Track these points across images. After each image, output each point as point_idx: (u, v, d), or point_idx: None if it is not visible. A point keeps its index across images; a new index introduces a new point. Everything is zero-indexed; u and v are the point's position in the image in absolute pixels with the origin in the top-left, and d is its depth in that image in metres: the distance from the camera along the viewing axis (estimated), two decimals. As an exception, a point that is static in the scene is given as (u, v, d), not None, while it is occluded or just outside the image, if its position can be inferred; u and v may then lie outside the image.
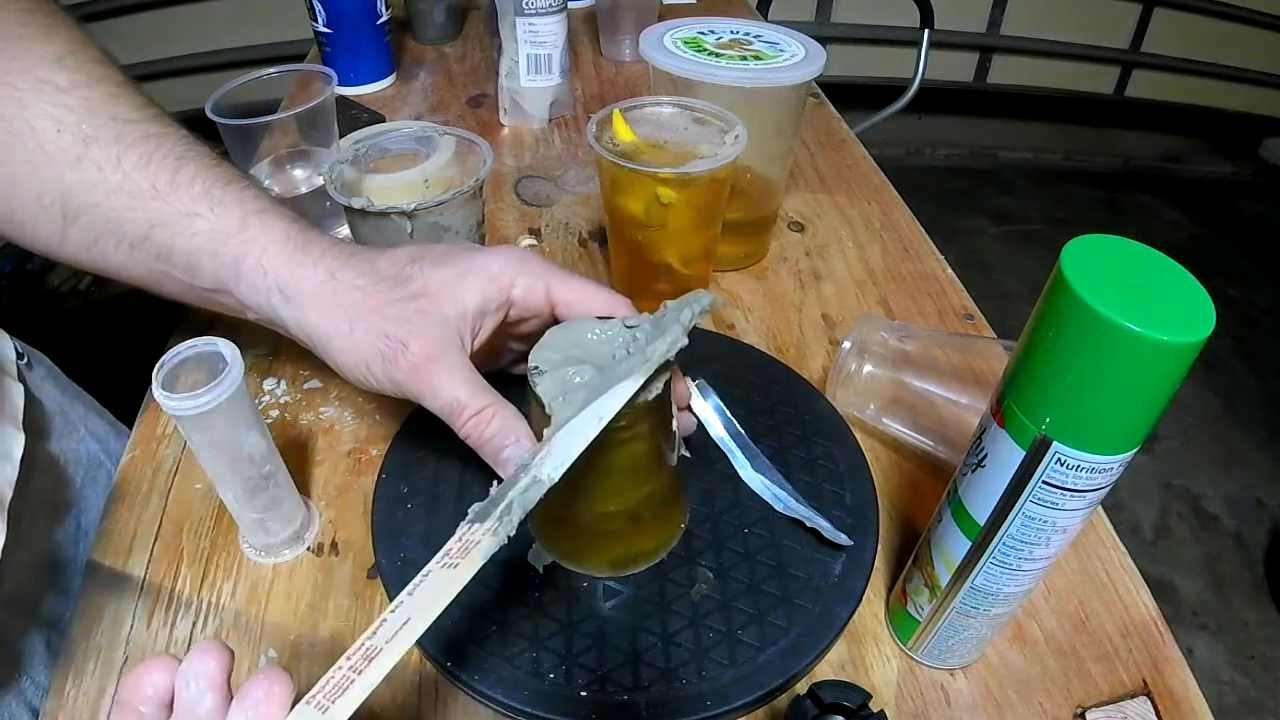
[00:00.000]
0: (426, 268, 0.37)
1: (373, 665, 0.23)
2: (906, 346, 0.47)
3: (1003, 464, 0.28)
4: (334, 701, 0.22)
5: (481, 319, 0.37)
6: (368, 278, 0.37)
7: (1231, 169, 2.60)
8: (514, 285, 0.37)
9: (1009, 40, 2.36)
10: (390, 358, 0.35)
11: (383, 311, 0.35)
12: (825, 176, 0.74)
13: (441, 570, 0.27)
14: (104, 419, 0.57)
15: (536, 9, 0.73)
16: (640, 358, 0.33)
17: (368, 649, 0.23)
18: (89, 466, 0.52)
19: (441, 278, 0.36)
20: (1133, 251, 0.25)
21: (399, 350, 0.35)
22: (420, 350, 0.35)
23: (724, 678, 0.35)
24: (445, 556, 0.27)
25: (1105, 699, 0.37)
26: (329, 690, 0.22)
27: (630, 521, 0.38)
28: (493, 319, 0.37)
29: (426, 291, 0.36)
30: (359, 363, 0.36)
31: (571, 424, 0.31)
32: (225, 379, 0.33)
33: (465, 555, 0.27)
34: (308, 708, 0.22)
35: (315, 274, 0.37)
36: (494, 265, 0.37)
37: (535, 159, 0.76)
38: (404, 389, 0.35)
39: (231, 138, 0.56)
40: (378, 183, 0.50)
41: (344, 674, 0.23)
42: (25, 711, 0.41)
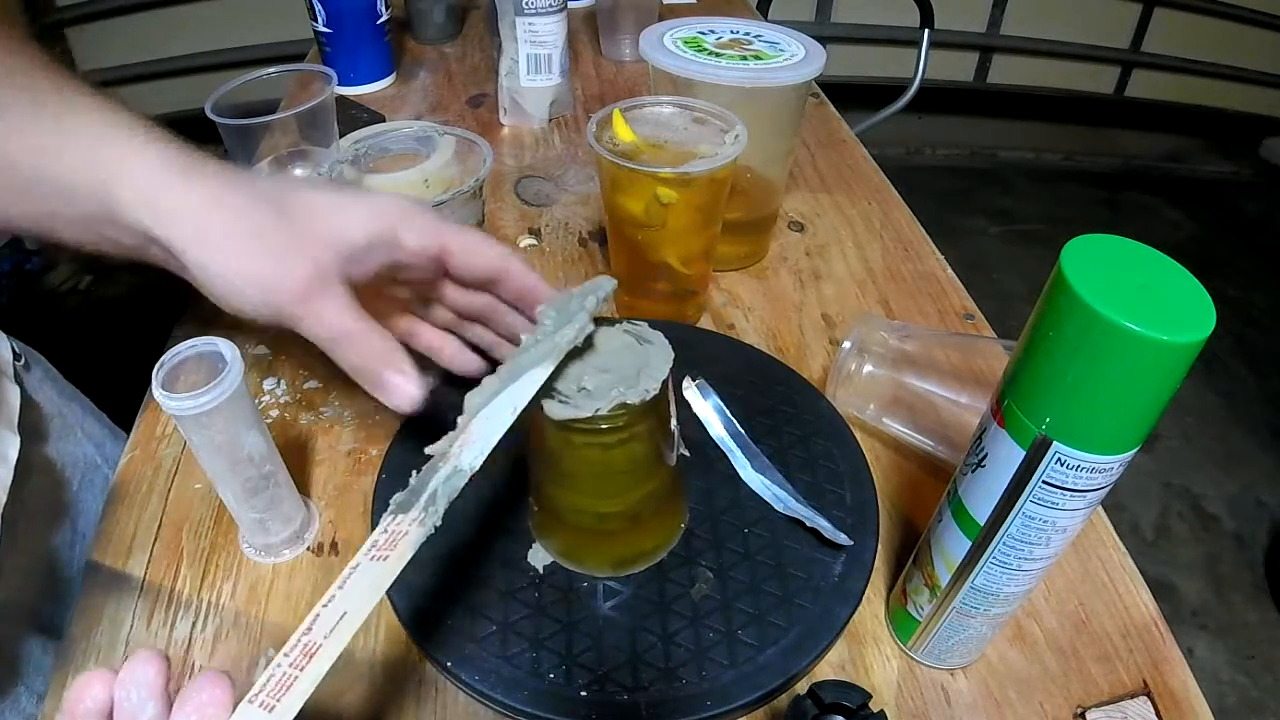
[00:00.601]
0: (311, 194, 0.36)
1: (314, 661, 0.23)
2: (906, 346, 0.47)
3: (1003, 464, 0.28)
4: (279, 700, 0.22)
5: (368, 253, 0.36)
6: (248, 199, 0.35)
7: (1232, 169, 2.60)
8: (406, 227, 0.36)
9: (1009, 40, 2.36)
10: (271, 284, 0.34)
11: (266, 238, 0.34)
12: (825, 176, 0.74)
13: (371, 563, 0.26)
14: (101, 422, 0.57)
15: (536, 9, 0.73)
16: (549, 344, 0.33)
17: (306, 644, 0.23)
18: (85, 469, 0.52)
19: (326, 204, 0.35)
20: (1133, 251, 0.25)
21: (280, 276, 0.34)
22: (302, 275, 0.33)
23: (724, 678, 0.35)
24: (373, 549, 0.27)
25: (1105, 699, 0.37)
26: (271, 688, 0.22)
27: (630, 521, 0.38)
28: (380, 255, 0.36)
29: (309, 218, 0.35)
30: (239, 289, 0.34)
31: (485, 412, 0.31)
32: (225, 379, 0.33)
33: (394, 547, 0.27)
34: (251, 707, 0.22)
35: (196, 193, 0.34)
36: (385, 202, 0.36)
37: (535, 159, 0.76)
38: (282, 315, 0.34)
39: (231, 138, 0.56)
40: (378, 182, 0.50)
41: (285, 671, 0.23)
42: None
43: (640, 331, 0.36)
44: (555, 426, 0.33)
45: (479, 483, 0.43)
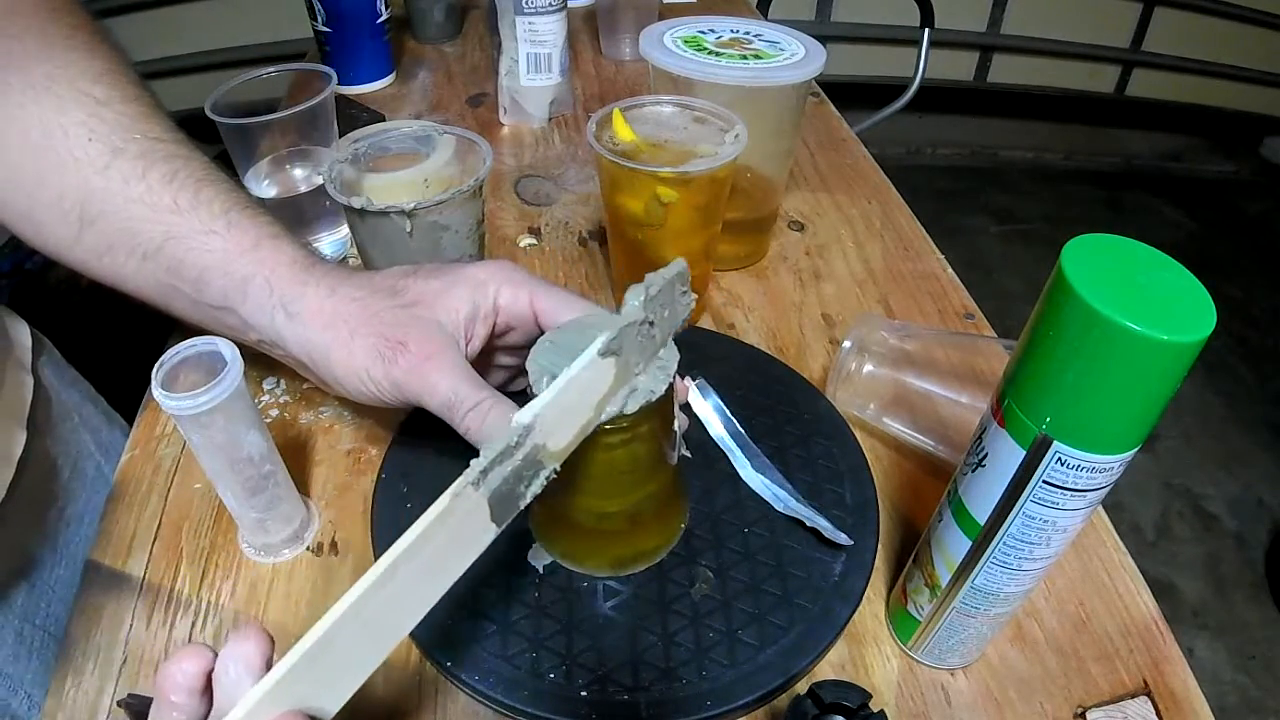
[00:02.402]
0: (420, 280, 0.39)
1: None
2: (907, 346, 0.47)
3: (1003, 463, 0.28)
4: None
5: (473, 325, 0.38)
6: (365, 290, 0.38)
7: (1232, 168, 2.59)
8: (500, 293, 0.39)
9: (1009, 39, 2.36)
10: (389, 358, 0.36)
11: (380, 317, 0.37)
12: (825, 176, 0.74)
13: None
14: (98, 407, 0.57)
15: (536, 8, 0.73)
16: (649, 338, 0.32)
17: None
18: (78, 457, 0.52)
19: (433, 287, 0.38)
20: (1133, 251, 0.25)
21: (398, 350, 0.36)
22: (418, 349, 0.36)
23: (724, 677, 0.35)
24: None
25: (1106, 699, 0.37)
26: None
27: (631, 521, 0.38)
28: (483, 326, 0.39)
29: (421, 300, 0.38)
30: (359, 369, 0.36)
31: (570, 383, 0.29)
32: (225, 378, 0.33)
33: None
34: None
35: (317, 291, 0.38)
36: (481, 274, 0.39)
37: (535, 158, 0.76)
38: (403, 388, 0.36)
39: (231, 137, 0.56)
40: (377, 182, 0.50)
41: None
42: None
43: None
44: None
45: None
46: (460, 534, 0.26)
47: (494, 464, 0.26)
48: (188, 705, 0.23)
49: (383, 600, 0.24)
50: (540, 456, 0.28)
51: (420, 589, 0.25)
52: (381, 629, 0.24)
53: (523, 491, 0.28)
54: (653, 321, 0.32)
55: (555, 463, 0.29)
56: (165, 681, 0.23)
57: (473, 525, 0.26)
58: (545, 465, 0.28)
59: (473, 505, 0.26)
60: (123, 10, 1.91)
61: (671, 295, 0.33)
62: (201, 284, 0.39)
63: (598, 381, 0.30)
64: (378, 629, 0.24)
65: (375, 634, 0.24)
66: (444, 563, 0.26)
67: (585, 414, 0.30)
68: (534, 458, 0.28)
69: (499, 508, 0.27)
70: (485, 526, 0.26)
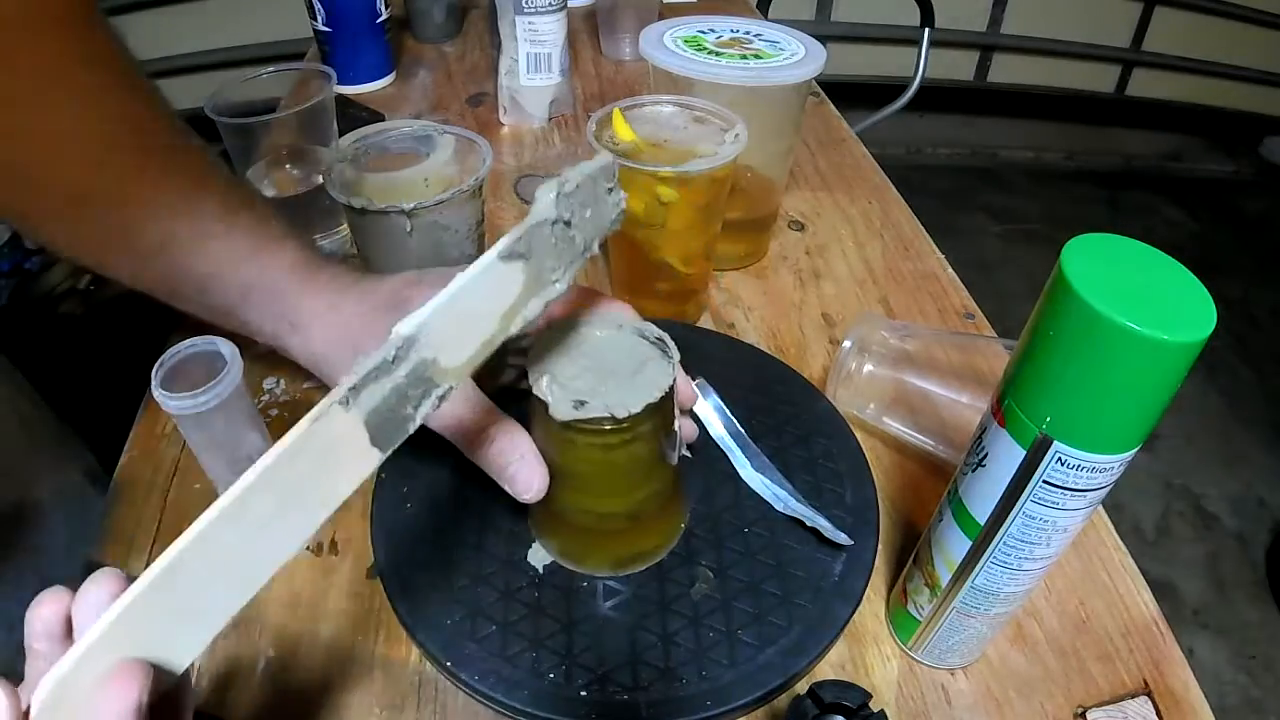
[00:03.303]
0: (425, 289, 0.37)
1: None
2: (907, 345, 0.47)
3: (1003, 463, 0.28)
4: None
5: None
6: (367, 305, 0.37)
7: (1232, 168, 2.59)
8: None
9: (1009, 39, 2.36)
10: None
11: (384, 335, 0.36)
12: (825, 175, 0.74)
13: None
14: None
15: (536, 7, 0.73)
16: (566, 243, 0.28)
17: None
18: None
19: None
20: (1133, 250, 0.25)
21: None
22: None
23: (724, 677, 0.35)
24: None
25: (1106, 699, 0.37)
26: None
27: (631, 521, 0.38)
28: None
29: None
30: None
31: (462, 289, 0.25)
32: (225, 378, 0.33)
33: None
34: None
35: (319, 303, 0.37)
36: None
37: (535, 158, 0.76)
38: None
39: (231, 137, 0.56)
40: (377, 181, 0.50)
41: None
42: None
43: (646, 331, 0.36)
44: (558, 426, 0.33)
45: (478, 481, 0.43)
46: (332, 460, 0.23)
47: (366, 381, 0.23)
48: (50, 652, 0.22)
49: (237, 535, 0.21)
50: (430, 373, 0.25)
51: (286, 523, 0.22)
52: (241, 568, 0.22)
53: (411, 413, 0.24)
54: (569, 221, 0.28)
55: (452, 381, 0.26)
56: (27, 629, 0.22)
57: (348, 450, 0.23)
58: (439, 384, 0.25)
59: (345, 428, 0.23)
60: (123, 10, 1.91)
61: (594, 193, 0.29)
62: (203, 289, 0.38)
63: (501, 289, 0.27)
64: (236, 568, 0.22)
65: (233, 574, 0.22)
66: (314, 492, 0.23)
67: (488, 326, 0.26)
68: (422, 374, 0.24)
69: (381, 431, 0.23)
70: (364, 451, 0.23)
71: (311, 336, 0.37)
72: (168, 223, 0.38)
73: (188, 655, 0.22)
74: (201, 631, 0.22)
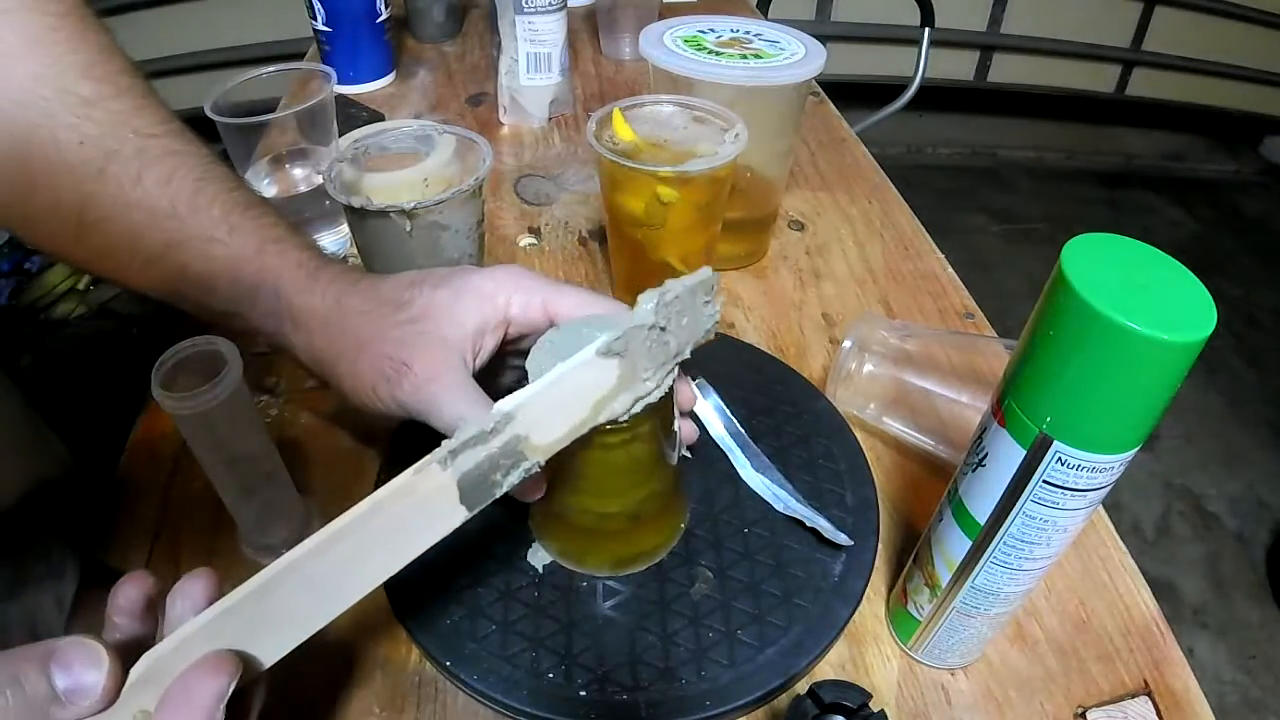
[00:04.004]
0: (426, 290, 0.37)
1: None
2: (907, 345, 0.47)
3: (1003, 463, 0.28)
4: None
5: (481, 338, 0.37)
6: (371, 303, 0.37)
7: (1233, 167, 2.59)
8: (510, 303, 0.37)
9: (1010, 39, 2.36)
10: (394, 379, 0.35)
11: (386, 335, 0.36)
12: (825, 175, 0.74)
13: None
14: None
15: (536, 7, 0.73)
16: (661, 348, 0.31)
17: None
18: None
19: (440, 299, 0.37)
20: (1134, 250, 0.25)
21: (402, 371, 0.35)
22: (423, 370, 0.35)
23: (724, 677, 0.35)
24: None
25: (1106, 699, 0.37)
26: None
27: (631, 521, 0.38)
28: (492, 337, 0.38)
29: (427, 314, 0.37)
30: (365, 387, 0.36)
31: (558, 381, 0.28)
32: (224, 378, 0.33)
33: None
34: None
35: (323, 302, 0.37)
36: (489, 284, 0.37)
37: (535, 158, 0.76)
38: (409, 409, 0.36)
39: (231, 136, 0.56)
40: (377, 181, 0.50)
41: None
42: None
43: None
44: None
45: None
46: (423, 510, 0.26)
47: (465, 447, 0.26)
48: (127, 626, 0.25)
49: (329, 562, 0.24)
50: (521, 448, 0.27)
51: (374, 558, 0.25)
52: (327, 591, 0.25)
53: (499, 480, 0.27)
54: (664, 327, 0.31)
55: (540, 457, 0.28)
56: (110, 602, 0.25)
57: (439, 504, 0.26)
58: (527, 458, 0.28)
59: (439, 484, 0.26)
60: (123, 10, 1.90)
61: (692, 303, 0.31)
62: (206, 290, 0.38)
63: (596, 381, 0.29)
64: (323, 590, 0.25)
65: (320, 594, 0.25)
66: (404, 536, 0.26)
67: (579, 413, 0.29)
68: (514, 448, 0.27)
69: (470, 492, 0.26)
70: (453, 508, 0.26)
71: (314, 335, 0.37)
72: (170, 228, 0.38)
73: (270, 657, 0.25)
74: (285, 640, 0.25)
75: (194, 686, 0.23)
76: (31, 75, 0.36)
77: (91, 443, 0.57)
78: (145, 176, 0.38)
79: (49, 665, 0.22)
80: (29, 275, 1.54)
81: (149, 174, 0.38)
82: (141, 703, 0.23)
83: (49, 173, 0.37)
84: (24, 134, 0.36)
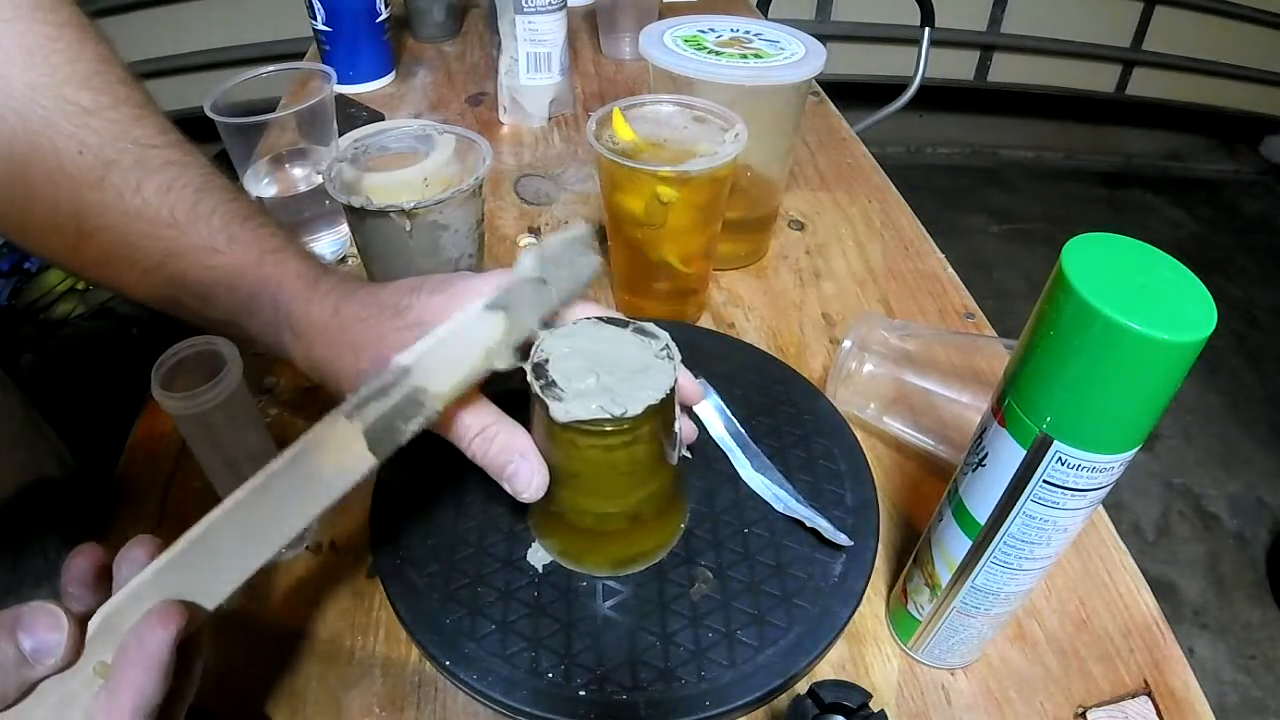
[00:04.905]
0: (424, 296, 0.37)
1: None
2: (907, 345, 0.47)
3: (1004, 463, 0.28)
4: None
5: None
6: (370, 310, 0.37)
7: (1233, 167, 2.59)
8: None
9: (1010, 38, 2.36)
10: None
11: (385, 340, 0.36)
12: (825, 175, 0.74)
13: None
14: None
15: (536, 7, 0.73)
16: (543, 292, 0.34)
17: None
18: None
19: (438, 304, 0.37)
20: (1134, 250, 0.25)
21: None
22: None
23: (723, 678, 0.35)
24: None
25: (1106, 699, 0.37)
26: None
27: (631, 521, 0.38)
28: None
29: (425, 319, 0.37)
30: None
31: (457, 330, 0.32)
32: (224, 378, 0.33)
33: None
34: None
35: (321, 310, 0.37)
36: (487, 288, 0.37)
37: (535, 157, 0.76)
38: None
39: (231, 136, 0.56)
40: (377, 181, 0.50)
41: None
42: None
43: (647, 331, 0.36)
44: (558, 427, 0.33)
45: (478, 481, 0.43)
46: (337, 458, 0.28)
47: (367, 400, 0.29)
48: (81, 596, 0.26)
49: (260, 510, 0.27)
50: (421, 398, 0.30)
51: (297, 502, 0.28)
52: (260, 535, 0.27)
53: (403, 428, 0.30)
54: (544, 280, 0.34)
55: (440, 404, 0.31)
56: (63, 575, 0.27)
57: (350, 453, 0.29)
58: (426, 406, 0.30)
59: (349, 435, 0.29)
60: (123, 10, 1.91)
61: (570, 256, 0.34)
62: (205, 300, 0.38)
63: (485, 333, 0.32)
64: (256, 535, 0.27)
65: (253, 539, 0.27)
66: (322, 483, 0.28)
67: (471, 361, 0.32)
68: (414, 398, 0.30)
69: (377, 440, 0.29)
70: (363, 456, 0.29)
71: (313, 343, 0.37)
72: (169, 238, 0.38)
73: (213, 601, 0.27)
74: (224, 585, 0.27)
75: (146, 636, 0.25)
76: (30, 85, 0.36)
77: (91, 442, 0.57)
78: (144, 186, 0.38)
79: (15, 632, 0.24)
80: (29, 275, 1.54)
81: (148, 183, 0.38)
82: (99, 655, 0.25)
83: (48, 182, 0.37)
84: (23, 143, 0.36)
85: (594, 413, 0.32)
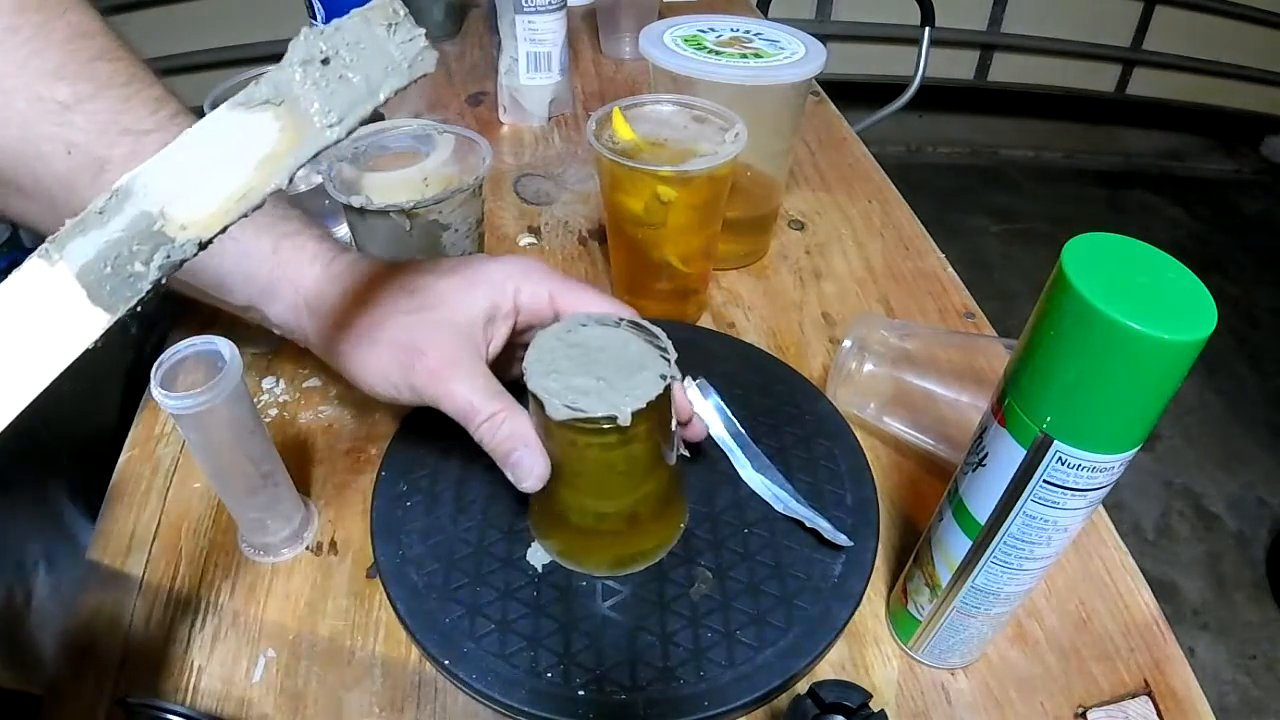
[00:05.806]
0: (437, 278, 0.38)
1: None
2: (907, 345, 0.47)
3: (1004, 463, 0.28)
4: None
5: (492, 326, 0.38)
6: (383, 291, 0.37)
7: (1233, 167, 2.59)
8: (519, 291, 0.38)
9: (1010, 38, 2.36)
10: (408, 365, 0.36)
11: (398, 322, 0.37)
12: (825, 175, 0.74)
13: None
14: None
15: (536, 6, 0.73)
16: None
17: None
18: None
19: (452, 286, 0.37)
20: (1134, 250, 0.25)
21: (416, 357, 0.36)
22: (436, 356, 0.36)
23: (723, 678, 0.35)
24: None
25: (1106, 699, 0.37)
26: None
27: (629, 521, 0.38)
28: (504, 325, 0.38)
29: (439, 301, 0.37)
30: (380, 373, 0.37)
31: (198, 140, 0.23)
32: (224, 378, 0.33)
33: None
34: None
35: (337, 290, 0.38)
36: (499, 273, 0.38)
37: (535, 157, 0.76)
38: (422, 394, 0.36)
39: (230, 136, 0.56)
40: (377, 180, 0.50)
41: None
42: None
43: (645, 330, 0.36)
44: (556, 426, 0.33)
45: (478, 480, 0.43)
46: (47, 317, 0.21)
47: (72, 233, 0.21)
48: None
49: None
50: (160, 227, 0.22)
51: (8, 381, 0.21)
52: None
53: (141, 270, 0.22)
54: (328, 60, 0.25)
55: (195, 234, 0.23)
56: None
57: (64, 307, 0.21)
58: (174, 239, 0.23)
59: (53, 282, 0.21)
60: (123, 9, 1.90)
61: (369, 33, 0.26)
62: (223, 288, 0.38)
63: (252, 138, 0.24)
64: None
65: None
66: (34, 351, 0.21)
67: (240, 176, 0.24)
68: (148, 228, 0.22)
69: (102, 288, 0.22)
70: (88, 311, 0.21)
71: (327, 323, 0.37)
72: None
73: None
74: None
75: None
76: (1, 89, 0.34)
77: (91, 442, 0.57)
78: None
79: None
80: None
81: None
82: None
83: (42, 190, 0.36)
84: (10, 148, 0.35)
85: (591, 410, 0.32)
